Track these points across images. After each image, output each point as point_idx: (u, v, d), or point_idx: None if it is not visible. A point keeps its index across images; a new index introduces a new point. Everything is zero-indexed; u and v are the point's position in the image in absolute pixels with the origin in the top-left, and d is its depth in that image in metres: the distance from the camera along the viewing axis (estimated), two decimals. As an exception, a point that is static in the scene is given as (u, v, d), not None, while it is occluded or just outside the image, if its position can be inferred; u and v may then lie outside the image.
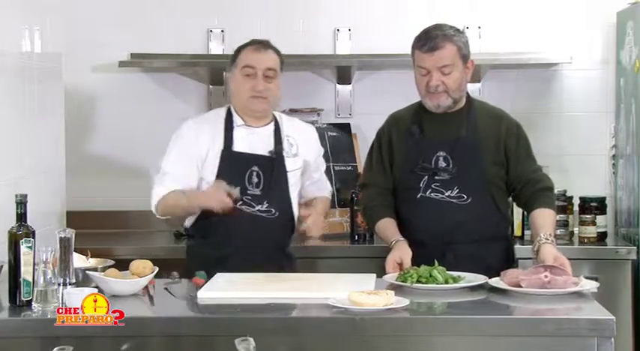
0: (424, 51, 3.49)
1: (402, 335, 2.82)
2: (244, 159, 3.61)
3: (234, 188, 3.46)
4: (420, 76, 3.52)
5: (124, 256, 3.73)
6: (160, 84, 5.10)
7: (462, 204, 3.51)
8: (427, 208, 3.53)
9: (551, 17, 4.99)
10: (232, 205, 3.45)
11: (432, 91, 3.50)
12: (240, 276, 3.40)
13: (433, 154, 3.54)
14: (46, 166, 4.14)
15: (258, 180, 3.58)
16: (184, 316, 2.95)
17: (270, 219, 3.60)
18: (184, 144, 3.67)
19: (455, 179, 3.51)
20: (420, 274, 3.18)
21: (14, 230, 2.91)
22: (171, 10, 5.02)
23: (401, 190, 3.61)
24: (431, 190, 3.52)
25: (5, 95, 3.71)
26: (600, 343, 2.76)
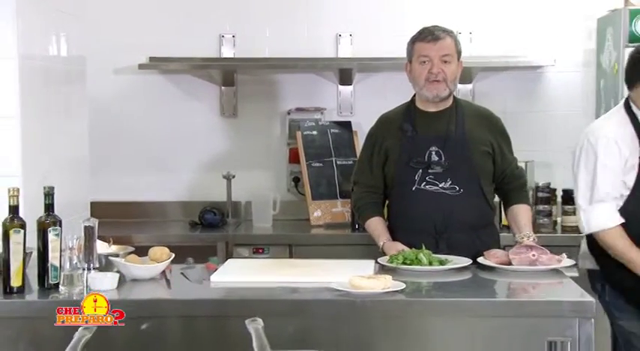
0: (427, 41, 3.51)
1: (398, 316, 2.83)
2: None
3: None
4: (420, 66, 3.52)
5: (143, 243, 3.73)
6: (176, 85, 5.11)
7: (454, 195, 3.51)
8: (422, 199, 3.52)
9: (536, 23, 4.98)
10: None
11: (433, 79, 3.50)
12: (250, 262, 3.40)
13: (426, 149, 3.53)
14: (71, 161, 4.14)
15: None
16: (198, 298, 2.96)
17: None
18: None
19: (447, 172, 3.51)
20: (406, 257, 3.21)
21: (43, 219, 2.92)
22: (187, 17, 5.02)
23: (397, 184, 3.58)
24: (425, 182, 3.51)
25: (34, 96, 3.71)
26: (581, 324, 2.76)
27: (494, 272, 3.21)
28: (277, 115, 5.10)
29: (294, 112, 5.07)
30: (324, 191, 4.87)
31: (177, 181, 5.11)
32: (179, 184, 5.10)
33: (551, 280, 3.15)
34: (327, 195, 4.87)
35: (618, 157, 3.31)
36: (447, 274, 3.20)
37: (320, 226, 4.79)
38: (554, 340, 2.76)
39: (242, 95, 5.11)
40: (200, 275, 3.17)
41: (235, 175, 4.91)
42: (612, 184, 3.33)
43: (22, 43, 3.61)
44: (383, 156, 3.63)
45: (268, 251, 4.49)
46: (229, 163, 5.00)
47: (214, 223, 4.78)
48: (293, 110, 5.07)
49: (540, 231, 4.59)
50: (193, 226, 4.82)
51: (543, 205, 4.69)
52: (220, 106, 5.10)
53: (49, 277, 2.93)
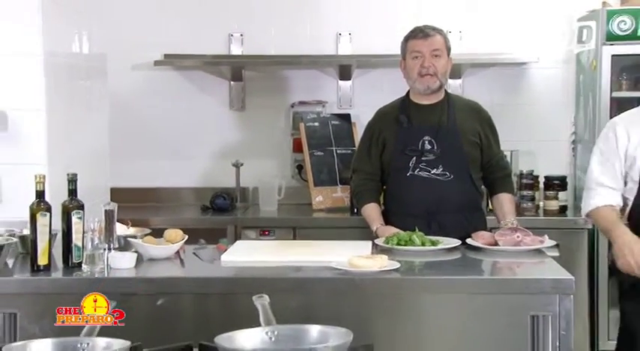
0: (419, 38, 3.54)
1: (393, 292, 2.84)
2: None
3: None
4: (412, 61, 3.53)
5: (159, 225, 3.73)
6: (189, 80, 5.11)
7: (445, 180, 3.52)
8: (416, 184, 3.53)
9: (521, 23, 4.97)
10: None
11: (424, 73, 3.51)
12: (257, 243, 3.40)
13: (419, 138, 3.54)
14: (93, 150, 4.14)
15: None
16: (209, 276, 2.96)
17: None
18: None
19: (439, 159, 3.52)
20: (400, 238, 3.22)
21: (67, 204, 2.93)
22: (198, 18, 5.02)
23: (392, 170, 3.59)
24: (419, 169, 3.52)
25: (58, 90, 3.71)
26: (561, 299, 2.76)
27: (481, 252, 3.21)
28: (282, 108, 5.09)
29: (298, 105, 5.06)
30: (325, 178, 4.88)
31: (190, 168, 5.11)
32: (192, 171, 5.11)
33: (534, 260, 3.15)
34: (328, 181, 4.87)
35: (614, 142, 3.27)
36: (437, 254, 3.20)
37: (321, 210, 4.79)
38: (536, 315, 2.76)
39: (249, 90, 5.11)
40: (211, 255, 3.18)
41: (243, 163, 4.91)
42: (602, 170, 3.30)
43: (47, 41, 3.60)
44: (381, 146, 3.64)
45: (274, 233, 4.50)
46: (238, 152, 5.00)
47: (224, 208, 4.78)
48: (296, 103, 5.07)
49: (524, 214, 4.60)
50: (205, 210, 4.83)
51: (527, 190, 4.71)
52: (229, 99, 5.10)
53: (72, 256, 2.94)
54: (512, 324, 2.77)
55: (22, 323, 2.80)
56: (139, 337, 2.06)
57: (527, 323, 2.76)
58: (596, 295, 4.50)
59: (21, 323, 2.80)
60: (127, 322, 2.40)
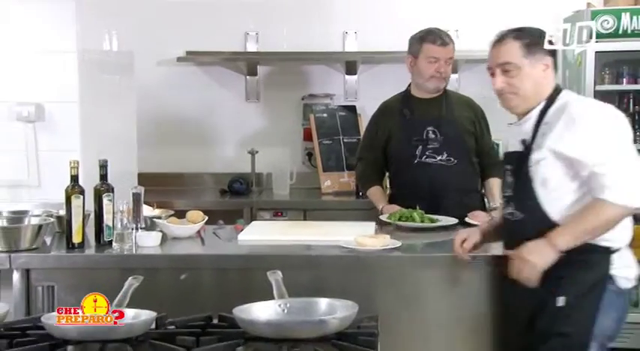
0: (438, 44, 3.52)
1: (395, 268, 2.84)
2: None
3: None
4: (428, 64, 3.51)
5: (182, 207, 3.74)
6: (208, 75, 5.10)
7: (450, 165, 3.53)
8: (423, 170, 3.53)
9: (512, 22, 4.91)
10: None
11: (438, 76, 3.53)
12: (271, 223, 3.40)
13: (424, 129, 3.55)
14: (122, 139, 4.15)
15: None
16: (228, 253, 2.97)
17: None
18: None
19: (443, 147, 3.53)
20: (402, 215, 3.24)
21: (98, 187, 2.94)
22: (217, 17, 5.01)
23: (400, 159, 3.59)
24: (425, 156, 3.53)
25: (90, 84, 3.71)
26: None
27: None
28: (293, 100, 5.08)
29: (308, 98, 5.05)
30: (333, 164, 4.88)
31: (210, 155, 5.11)
32: (211, 158, 5.11)
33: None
34: (335, 167, 4.87)
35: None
36: (437, 233, 3.20)
37: (329, 194, 4.79)
38: (526, 289, 2.76)
39: (264, 83, 5.10)
40: (229, 234, 3.19)
41: (258, 151, 4.91)
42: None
43: (80, 40, 3.60)
44: (385, 136, 3.64)
45: (286, 215, 4.50)
46: (253, 140, 5.00)
47: (241, 191, 4.79)
48: (307, 96, 5.06)
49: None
50: (223, 194, 4.83)
51: (516, 176, 4.69)
52: (246, 92, 5.10)
53: (104, 235, 2.95)
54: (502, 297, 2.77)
55: (59, 295, 2.82)
56: (164, 308, 2.07)
57: (520, 297, 2.75)
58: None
59: (58, 295, 2.82)
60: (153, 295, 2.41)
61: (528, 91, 2.53)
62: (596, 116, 2.41)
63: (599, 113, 2.43)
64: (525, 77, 2.52)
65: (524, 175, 2.46)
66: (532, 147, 2.47)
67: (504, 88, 2.56)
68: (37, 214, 3.16)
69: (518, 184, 2.50)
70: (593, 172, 2.32)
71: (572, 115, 2.41)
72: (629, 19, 4.42)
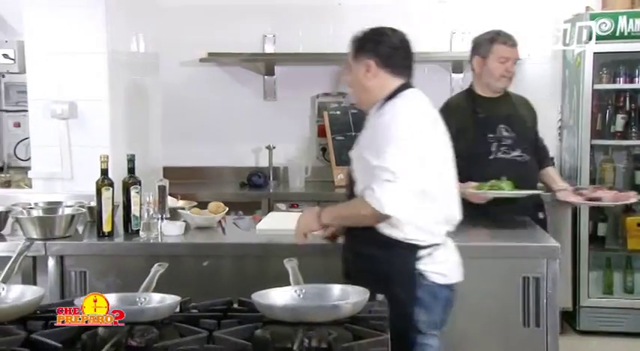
0: (508, 45, 3.46)
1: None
2: None
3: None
4: (498, 64, 3.43)
5: (204, 199, 3.74)
6: (229, 74, 5.10)
7: (521, 161, 3.44)
8: (499, 166, 3.41)
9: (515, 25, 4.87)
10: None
11: (507, 76, 3.47)
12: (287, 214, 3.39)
13: (496, 126, 3.45)
14: (148, 134, 4.17)
15: None
16: (247, 242, 2.98)
17: None
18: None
19: (516, 143, 3.44)
20: (492, 184, 3.22)
21: (126, 180, 2.95)
22: (237, 21, 5.00)
23: (476, 155, 3.39)
24: (501, 152, 3.43)
25: (119, 83, 3.72)
26: (549, 263, 2.76)
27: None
28: (308, 99, 5.08)
29: (322, 96, 5.04)
30: (345, 159, 4.77)
31: (230, 150, 5.11)
32: (231, 153, 5.11)
33: (526, 229, 3.13)
34: (348, 162, 4.73)
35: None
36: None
37: (342, 187, 4.72)
38: (527, 276, 2.76)
39: (280, 83, 5.09)
40: (248, 224, 3.20)
41: (275, 146, 4.91)
42: None
43: (110, 42, 3.62)
44: (455, 133, 3.46)
45: (301, 206, 4.48)
46: (271, 136, 5.00)
47: (259, 184, 4.79)
48: (321, 95, 5.05)
49: (516, 190, 4.57)
50: (242, 186, 4.84)
51: (519, 169, 4.66)
52: (264, 91, 5.09)
53: (131, 224, 2.96)
54: (506, 284, 2.77)
55: (90, 280, 2.84)
56: (188, 293, 2.07)
57: (520, 283, 2.76)
58: (578, 260, 4.47)
59: (90, 280, 2.84)
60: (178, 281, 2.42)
61: (356, 91, 2.55)
62: (395, 125, 2.34)
63: (398, 122, 2.36)
64: (352, 77, 2.54)
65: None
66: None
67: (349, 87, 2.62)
68: (70, 204, 3.18)
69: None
70: (372, 173, 2.31)
71: (381, 120, 2.39)
72: (626, 21, 4.40)
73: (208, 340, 1.75)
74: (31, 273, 2.94)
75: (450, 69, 4.96)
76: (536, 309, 2.76)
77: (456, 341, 2.80)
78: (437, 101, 4.92)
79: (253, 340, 1.73)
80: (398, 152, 2.28)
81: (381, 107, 2.46)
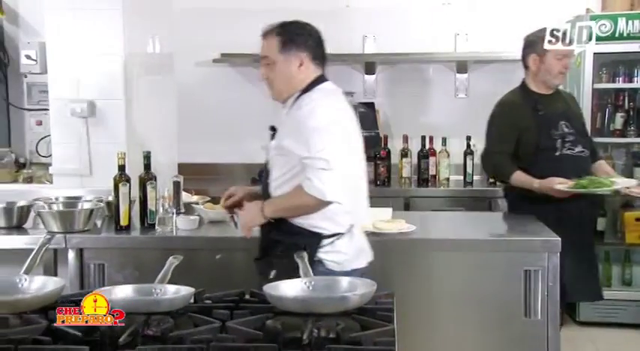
0: (565, 44, 3.38)
1: (410, 250, 2.84)
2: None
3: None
4: (557, 61, 3.36)
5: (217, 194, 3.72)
6: (240, 74, 5.10)
7: (584, 156, 3.39)
8: (566, 162, 3.34)
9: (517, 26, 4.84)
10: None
11: (564, 72, 3.42)
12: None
13: (558, 123, 3.37)
14: (163, 132, 4.17)
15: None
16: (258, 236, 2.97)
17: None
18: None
19: (577, 139, 3.38)
20: (591, 181, 3.17)
21: (142, 176, 2.95)
22: (248, 23, 4.92)
23: (539, 151, 3.33)
24: (565, 148, 3.35)
25: (135, 84, 3.72)
26: (550, 257, 2.76)
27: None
28: (318, 98, 5.07)
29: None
30: (352, 155, 4.84)
31: (242, 147, 5.10)
32: (243, 150, 5.10)
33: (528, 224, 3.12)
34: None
35: None
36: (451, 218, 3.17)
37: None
38: (529, 269, 2.76)
39: (291, 82, 5.08)
40: (260, 219, 3.19)
41: (286, 143, 4.90)
42: None
43: (127, 44, 3.62)
44: (517, 131, 3.38)
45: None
46: (281, 134, 4.99)
47: (270, 180, 4.78)
48: (330, 94, 5.04)
49: (518, 186, 4.55)
50: (254, 182, 4.79)
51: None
52: (274, 90, 5.09)
53: (147, 218, 2.97)
54: (509, 276, 2.76)
55: (108, 272, 2.85)
56: (202, 284, 2.07)
57: (522, 276, 2.75)
58: (578, 253, 4.44)
59: (108, 272, 2.85)
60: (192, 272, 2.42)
61: (281, 84, 2.49)
62: (317, 116, 2.36)
63: (320, 114, 2.38)
64: (278, 71, 2.47)
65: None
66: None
67: (266, 80, 2.53)
68: (88, 199, 3.19)
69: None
70: (304, 163, 2.32)
71: (300, 112, 2.40)
72: (625, 23, 4.37)
73: (221, 329, 1.75)
74: (52, 265, 2.96)
75: (455, 69, 4.94)
76: (537, 300, 2.75)
77: (460, 331, 2.80)
78: (441, 100, 5.01)
79: (264, 330, 1.73)
80: (326, 141, 2.31)
81: (298, 99, 2.46)
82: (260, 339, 1.67)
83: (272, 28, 2.56)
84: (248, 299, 2.02)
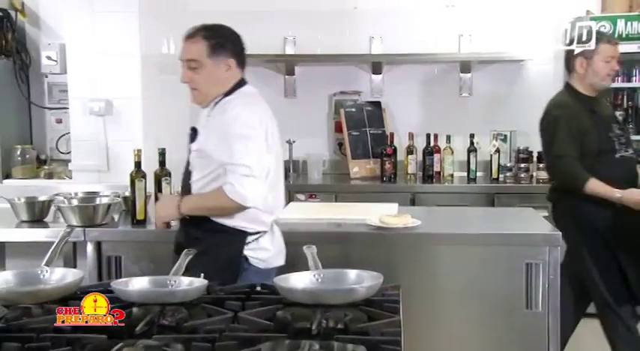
0: (612, 44, 3.32)
1: (415, 244, 2.84)
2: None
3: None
4: (605, 63, 3.26)
5: (230, 189, 3.76)
6: (252, 74, 4.91)
7: (635, 158, 3.29)
8: (624, 164, 3.22)
9: (519, 28, 4.87)
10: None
11: (611, 74, 3.32)
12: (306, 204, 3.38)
13: (610, 124, 3.28)
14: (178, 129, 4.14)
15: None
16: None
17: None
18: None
19: (627, 141, 3.29)
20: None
21: (158, 172, 2.95)
22: (260, 25, 4.98)
23: (600, 153, 3.18)
24: (622, 150, 3.24)
25: (151, 83, 3.74)
26: (551, 250, 2.75)
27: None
28: (326, 97, 5.06)
29: (338, 95, 5.03)
30: (360, 153, 4.86)
31: (254, 144, 5.11)
32: (255, 147, 5.11)
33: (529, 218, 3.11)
34: (362, 155, 4.85)
35: None
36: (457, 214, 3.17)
37: (357, 179, 4.78)
38: (530, 262, 2.75)
39: (300, 82, 5.08)
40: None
41: (295, 141, 4.90)
42: None
43: (143, 45, 3.64)
44: (580, 134, 3.20)
45: (319, 197, 4.49)
46: (291, 131, 4.97)
47: (280, 176, 4.79)
48: (337, 93, 5.04)
49: (521, 182, 4.54)
50: (265, 178, 4.84)
51: (523, 163, 4.62)
52: (284, 90, 5.09)
53: (162, 213, 2.96)
54: (510, 269, 2.76)
55: (125, 264, 2.86)
56: (215, 276, 2.08)
57: (523, 269, 2.74)
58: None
59: (125, 264, 2.86)
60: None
61: (208, 88, 2.43)
62: (241, 122, 2.36)
63: (244, 119, 2.38)
64: (206, 75, 2.40)
65: (186, 159, 2.46)
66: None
67: (189, 83, 2.44)
68: (106, 194, 3.20)
69: (182, 165, 2.48)
70: (226, 168, 2.32)
71: (224, 117, 2.37)
72: (624, 24, 4.36)
73: (233, 320, 1.76)
74: (72, 257, 2.97)
75: (459, 69, 4.92)
76: (538, 293, 2.74)
77: (463, 322, 2.80)
78: (446, 99, 4.99)
79: (275, 321, 1.74)
80: (250, 148, 2.32)
81: (219, 102, 2.43)
82: (270, 329, 1.67)
83: (197, 32, 2.48)
84: (259, 291, 2.02)
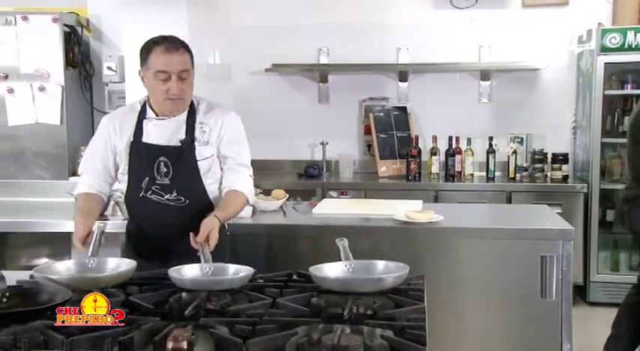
0: None
1: (438, 237, 2.82)
2: (151, 149, 2.34)
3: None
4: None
5: (268, 187, 3.75)
6: (289, 82, 5.11)
7: None
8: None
9: (535, 39, 4.79)
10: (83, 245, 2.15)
11: None
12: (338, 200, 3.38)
13: None
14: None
15: (167, 170, 2.32)
16: (304, 224, 2.98)
17: (179, 207, 2.33)
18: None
19: None
20: None
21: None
22: (296, 37, 5.00)
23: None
24: None
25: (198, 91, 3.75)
26: (564, 244, 2.71)
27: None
28: (356, 102, 5.05)
29: (368, 100, 5.01)
30: (387, 154, 4.83)
31: (290, 146, 5.12)
32: (291, 148, 5.12)
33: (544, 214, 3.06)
34: (389, 156, 4.83)
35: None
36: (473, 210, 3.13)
37: (385, 177, 4.76)
38: (545, 255, 2.71)
39: (333, 89, 5.07)
40: (305, 209, 3.20)
41: (328, 143, 4.91)
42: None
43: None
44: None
45: (350, 194, 4.49)
46: (324, 134, 4.99)
47: (314, 175, 4.80)
48: (367, 99, 5.02)
49: (536, 181, 4.49)
50: (300, 177, 4.85)
51: (538, 163, 4.56)
52: (318, 96, 5.08)
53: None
54: (526, 262, 2.72)
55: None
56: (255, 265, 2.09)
57: (538, 261, 2.70)
58: (588, 242, 4.37)
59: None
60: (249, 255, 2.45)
61: (189, 96, 2.38)
62: (241, 127, 2.54)
63: (241, 124, 2.54)
64: (190, 84, 2.36)
65: (185, 165, 2.32)
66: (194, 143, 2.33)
67: (179, 93, 2.31)
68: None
69: (181, 173, 2.31)
70: (232, 166, 2.39)
71: (231, 121, 2.47)
72: (634, 35, 4.29)
73: (272, 305, 1.77)
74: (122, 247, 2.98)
75: (479, 77, 4.87)
76: (552, 283, 2.70)
77: (483, 310, 2.77)
78: (467, 104, 4.93)
79: (310, 307, 1.74)
80: (249, 152, 2.51)
81: (198, 108, 2.44)
82: (306, 314, 1.68)
83: (178, 44, 2.35)
84: (295, 279, 2.03)
